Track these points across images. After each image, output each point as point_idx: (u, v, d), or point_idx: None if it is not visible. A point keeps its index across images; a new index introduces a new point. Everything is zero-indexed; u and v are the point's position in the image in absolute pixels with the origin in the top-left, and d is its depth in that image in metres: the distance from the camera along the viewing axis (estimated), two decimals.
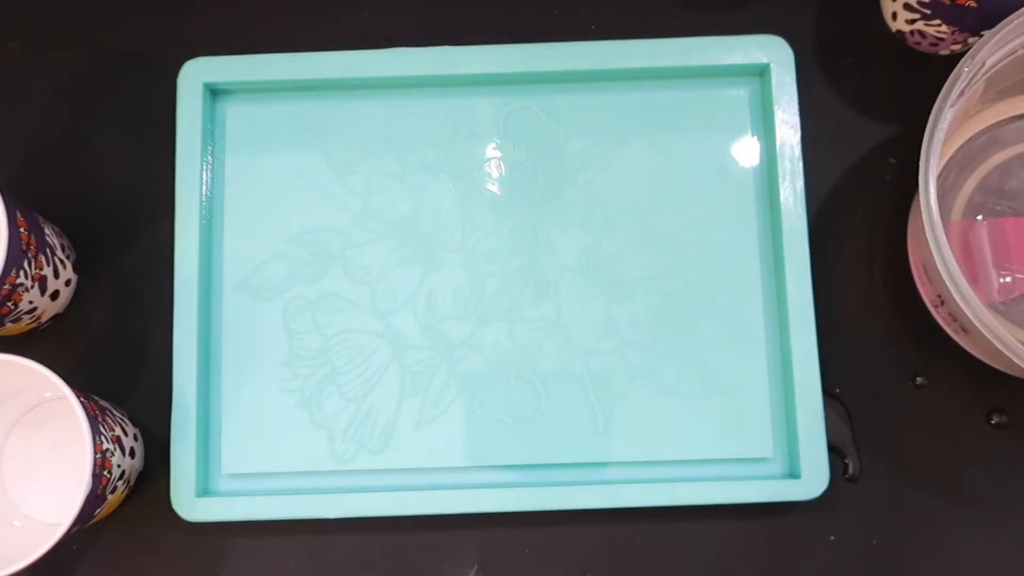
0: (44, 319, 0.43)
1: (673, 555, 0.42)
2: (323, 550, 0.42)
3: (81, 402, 0.37)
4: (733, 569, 0.42)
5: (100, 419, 0.38)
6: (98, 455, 0.37)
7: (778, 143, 0.43)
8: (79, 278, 0.45)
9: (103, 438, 0.38)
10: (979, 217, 0.44)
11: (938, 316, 0.43)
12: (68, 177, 0.46)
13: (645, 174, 0.44)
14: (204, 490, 0.42)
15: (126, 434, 0.40)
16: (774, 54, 0.43)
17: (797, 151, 0.43)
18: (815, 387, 0.41)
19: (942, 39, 0.44)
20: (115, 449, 0.38)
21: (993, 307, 0.43)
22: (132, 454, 0.41)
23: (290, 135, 0.44)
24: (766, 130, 0.44)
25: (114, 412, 0.40)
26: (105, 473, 0.38)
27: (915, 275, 0.44)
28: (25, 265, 0.39)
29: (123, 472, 0.40)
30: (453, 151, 0.44)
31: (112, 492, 0.39)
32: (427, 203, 0.44)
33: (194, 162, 0.43)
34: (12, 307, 0.40)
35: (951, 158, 0.44)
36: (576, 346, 0.43)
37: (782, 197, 0.42)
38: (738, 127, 0.44)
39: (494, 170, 0.44)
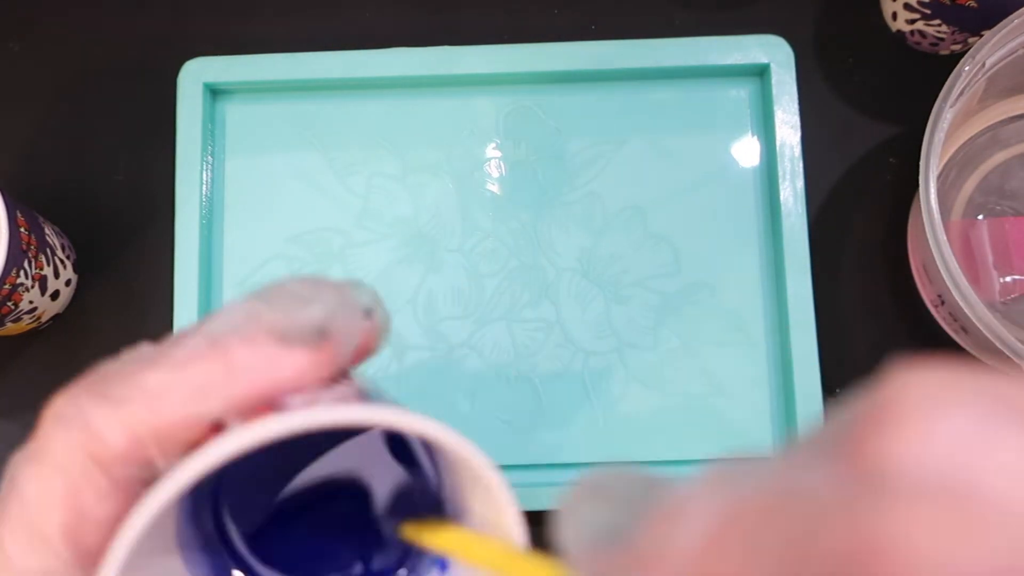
0: (44, 319, 0.43)
1: None
2: None
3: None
4: None
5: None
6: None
7: (778, 143, 0.43)
8: (79, 278, 0.45)
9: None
10: (979, 217, 0.44)
11: (938, 316, 0.43)
12: (68, 177, 0.46)
13: (645, 174, 0.44)
14: None
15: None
16: (774, 54, 0.43)
17: (797, 151, 0.43)
18: (815, 387, 0.41)
19: (942, 39, 0.44)
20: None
21: (993, 307, 0.43)
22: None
23: (290, 135, 0.44)
24: (766, 130, 0.44)
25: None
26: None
27: (915, 275, 0.44)
28: (25, 265, 0.39)
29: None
30: (453, 151, 0.44)
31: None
32: (427, 203, 0.44)
33: (194, 162, 0.43)
34: (12, 307, 0.40)
35: (951, 158, 0.44)
36: (576, 346, 0.43)
37: (782, 197, 0.42)
38: (738, 127, 0.44)
39: (494, 170, 0.44)
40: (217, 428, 0.20)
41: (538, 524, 0.44)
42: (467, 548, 0.22)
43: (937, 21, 0.43)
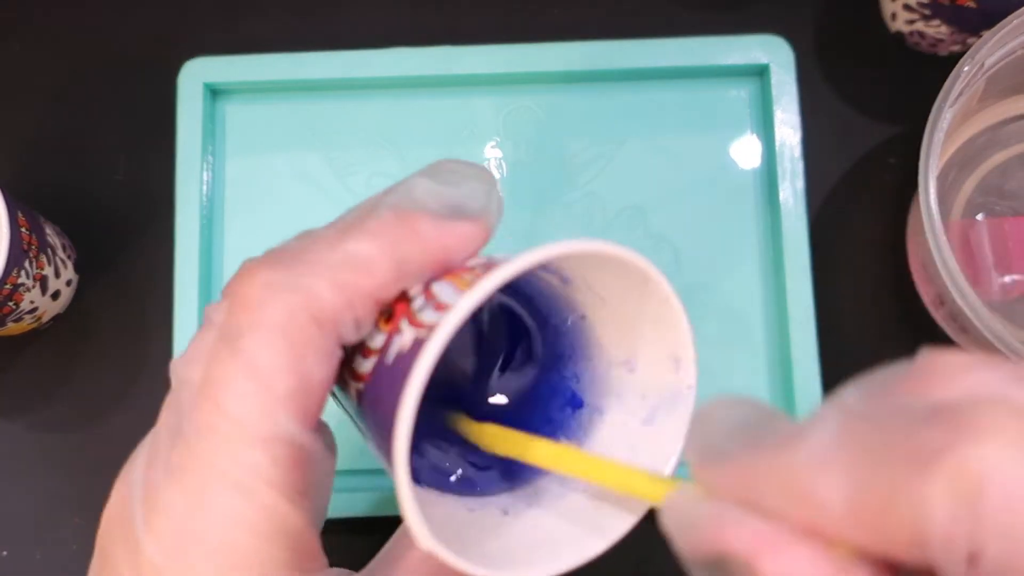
0: (45, 319, 0.43)
1: (673, 554, 0.42)
2: (324, 549, 0.42)
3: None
4: None
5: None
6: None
7: (778, 143, 0.43)
8: (80, 278, 0.45)
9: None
10: (979, 217, 0.44)
11: (938, 316, 0.43)
12: (68, 177, 0.46)
13: (645, 174, 0.44)
14: None
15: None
16: (774, 54, 0.43)
17: (797, 151, 0.43)
18: (815, 387, 0.41)
19: (942, 39, 0.44)
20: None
21: (993, 307, 0.43)
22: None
23: (290, 135, 0.44)
24: (766, 130, 0.44)
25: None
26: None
27: (915, 275, 0.44)
28: (26, 265, 0.39)
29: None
30: (453, 151, 0.44)
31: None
32: None
33: (194, 162, 0.43)
34: (14, 307, 0.40)
35: (951, 158, 0.44)
36: None
37: (782, 197, 0.42)
38: (738, 127, 0.44)
39: (494, 170, 0.44)
40: (403, 296, 0.22)
41: None
42: (578, 466, 0.23)
43: (937, 21, 0.43)
